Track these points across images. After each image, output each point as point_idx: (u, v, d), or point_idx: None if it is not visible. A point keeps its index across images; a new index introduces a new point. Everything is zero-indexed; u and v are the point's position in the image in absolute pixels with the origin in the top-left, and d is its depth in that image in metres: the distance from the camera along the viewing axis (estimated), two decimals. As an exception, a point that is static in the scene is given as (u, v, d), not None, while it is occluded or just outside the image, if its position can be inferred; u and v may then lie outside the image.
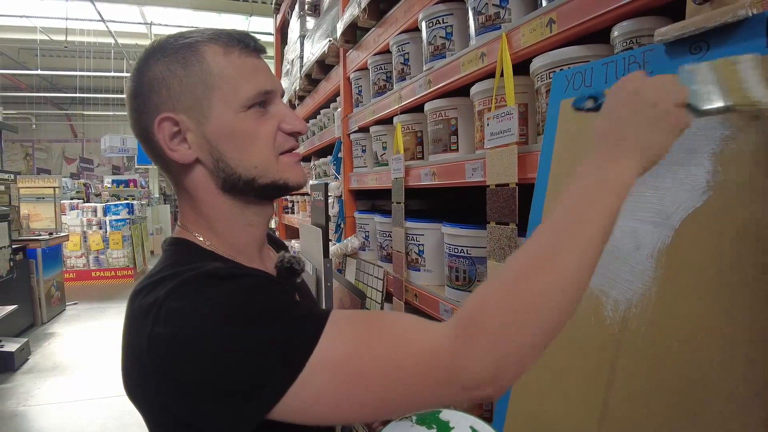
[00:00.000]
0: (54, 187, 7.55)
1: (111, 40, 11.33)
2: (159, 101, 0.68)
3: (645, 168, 0.57)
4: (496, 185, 1.14)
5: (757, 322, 0.55)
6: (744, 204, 0.58)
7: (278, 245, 0.95)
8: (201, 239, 0.73)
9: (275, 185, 0.72)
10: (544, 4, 1.09)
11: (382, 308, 1.86)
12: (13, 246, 5.32)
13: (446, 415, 0.70)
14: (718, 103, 0.57)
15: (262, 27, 11.99)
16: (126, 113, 0.73)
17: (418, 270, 1.66)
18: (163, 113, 0.67)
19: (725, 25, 0.60)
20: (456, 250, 1.40)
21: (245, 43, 0.71)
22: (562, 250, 0.53)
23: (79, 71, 12.54)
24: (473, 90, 1.31)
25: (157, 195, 15.31)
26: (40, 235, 6.40)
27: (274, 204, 0.83)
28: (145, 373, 0.59)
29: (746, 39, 0.59)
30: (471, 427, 0.68)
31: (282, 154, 0.73)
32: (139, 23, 12.00)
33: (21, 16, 10.66)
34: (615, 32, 0.92)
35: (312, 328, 0.56)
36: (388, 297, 1.85)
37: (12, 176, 5.97)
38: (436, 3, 1.48)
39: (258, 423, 0.55)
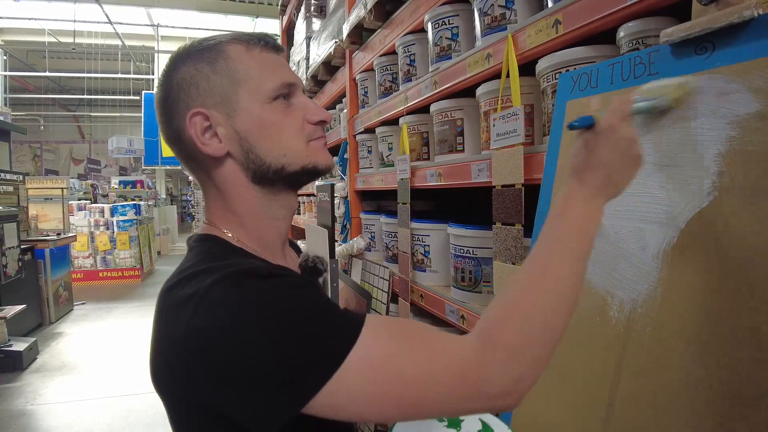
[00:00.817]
0: (62, 188, 7.60)
1: (118, 42, 11.41)
2: (189, 100, 0.71)
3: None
4: (502, 186, 1.14)
5: (762, 323, 0.55)
6: (749, 205, 0.58)
7: (293, 246, 0.99)
8: (230, 235, 0.75)
9: (305, 170, 0.75)
10: (549, 4, 1.09)
11: (387, 309, 1.86)
12: (22, 246, 5.36)
13: None
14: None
15: (269, 28, 12.03)
16: (132, 114, 0.76)
17: (424, 271, 1.66)
18: (194, 109, 0.71)
19: (731, 25, 0.60)
20: (462, 251, 1.41)
21: (265, 41, 0.75)
22: (556, 272, 0.61)
23: (87, 73, 12.64)
24: (479, 91, 1.31)
25: (163, 196, 15.39)
26: (48, 236, 6.44)
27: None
28: (177, 363, 0.60)
29: (752, 40, 0.59)
30: (480, 419, 0.70)
31: (311, 141, 0.76)
32: (146, 25, 12.08)
33: (29, 19, 10.76)
34: (621, 33, 0.92)
35: (351, 329, 0.58)
36: (393, 297, 1.86)
37: (20, 177, 6.03)
38: (443, 4, 1.48)
39: (292, 416, 0.57)
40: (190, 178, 13.13)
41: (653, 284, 0.66)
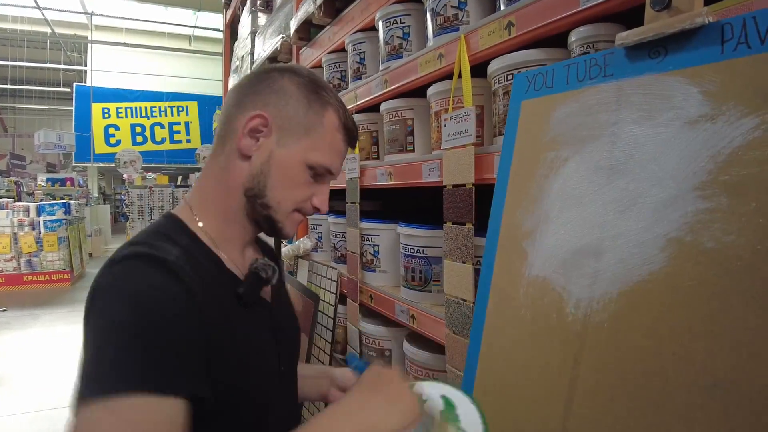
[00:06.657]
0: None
1: (47, 29, 10.72)
2: (269, 102, 0.81)
3: None
4: (453, 185, 1.14)
5: (715, 315, 0.57)
6: (702, 201, 0.60)
7: (265, 251, 1.03)
8: (197, 220, 0.82)
9: (275, 224, 0.85)
10: (502, 7, 1.09)
11: (335, 310, 1.82)
12: (-66, 247, 4.93)
13: (419, 388, 0.74)
14: None
15: (210, 23, 11.69)
16: (62, 108, 0.75)
17: (373, 271, 1.64)
18: (265, 112, 0.80)
19: (683, 31, 0.62)
20: (412, 251, 1.40)
21: (352, 137, 0.88)
22: None
23: (11, 61, 11.80)
24: (430, 91, 1.31)
25: (96, 194, 14.62)
26: (-36, 236, 5.95)
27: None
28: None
29: (702, 45, 0.61)
30: (443, 396, 0.70)
31: (297, 212, 0.86)
32: (79, 12, 11.42)
33: (-55, 1, 9.96)
34: (572, 37, 0.94)
35: (128, 377, 0.60)
36: (341, 299, 1.83)
37: (-67, 172, 5.54)
38: (394, 3, 1.47)
39: None
40: (125, 176, 12.56)
41: (609, 280, 0.67)
